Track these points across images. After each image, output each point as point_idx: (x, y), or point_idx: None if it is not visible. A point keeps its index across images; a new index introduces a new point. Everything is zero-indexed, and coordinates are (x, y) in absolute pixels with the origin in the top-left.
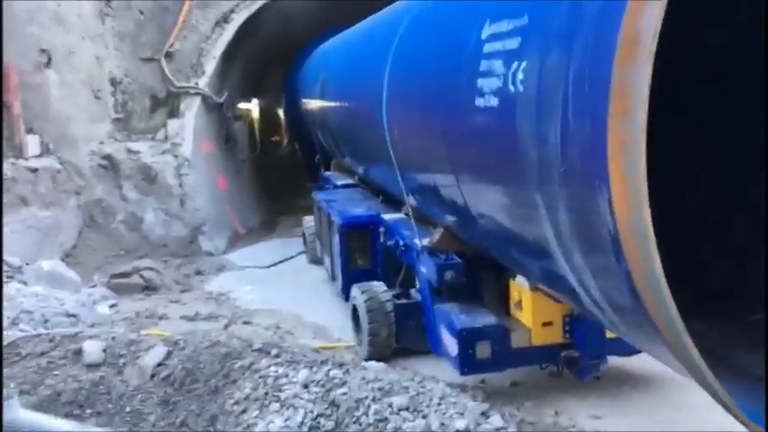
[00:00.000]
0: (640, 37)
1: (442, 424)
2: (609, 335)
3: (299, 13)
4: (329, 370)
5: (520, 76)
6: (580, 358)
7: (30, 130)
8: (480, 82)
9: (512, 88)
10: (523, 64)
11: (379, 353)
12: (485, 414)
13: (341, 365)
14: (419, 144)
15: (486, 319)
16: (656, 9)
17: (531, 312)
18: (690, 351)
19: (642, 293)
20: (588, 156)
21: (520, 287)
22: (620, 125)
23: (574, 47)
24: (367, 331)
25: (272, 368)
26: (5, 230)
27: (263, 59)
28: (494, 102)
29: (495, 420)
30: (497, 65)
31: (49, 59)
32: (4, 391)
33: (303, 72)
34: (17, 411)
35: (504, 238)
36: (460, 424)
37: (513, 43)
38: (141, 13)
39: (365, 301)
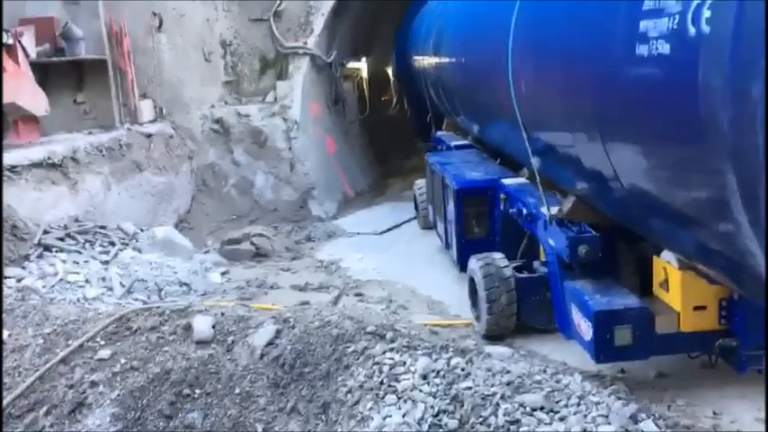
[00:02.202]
0: None
1: (585, 431)
2: None
3: None
4: (450, 358)
5: (706, 13)
6: (740, 348)
7: (143, 95)
8: (644, 24)
9: (692, 30)
10: None
11: (498, 331)
12: (633, 418)
13: (462, 352)
14: (554, 100)
15: (625, 299)
16: None
17: (681, 294)
18: None
19: None
20: None
21: (666, 265)
22: None
23: None
24: (486, 307)
25: (388, 354)
26: (123, 196)
27: (372, 16)
28: (664, 48)
29: (648, 426)
30: (670, 1)
31: (161, 23)
32: None
33: (415, 26)
34: None
35: (660, 209)
36: (607, 430)
37: None
38: None
39: (483, 271)
